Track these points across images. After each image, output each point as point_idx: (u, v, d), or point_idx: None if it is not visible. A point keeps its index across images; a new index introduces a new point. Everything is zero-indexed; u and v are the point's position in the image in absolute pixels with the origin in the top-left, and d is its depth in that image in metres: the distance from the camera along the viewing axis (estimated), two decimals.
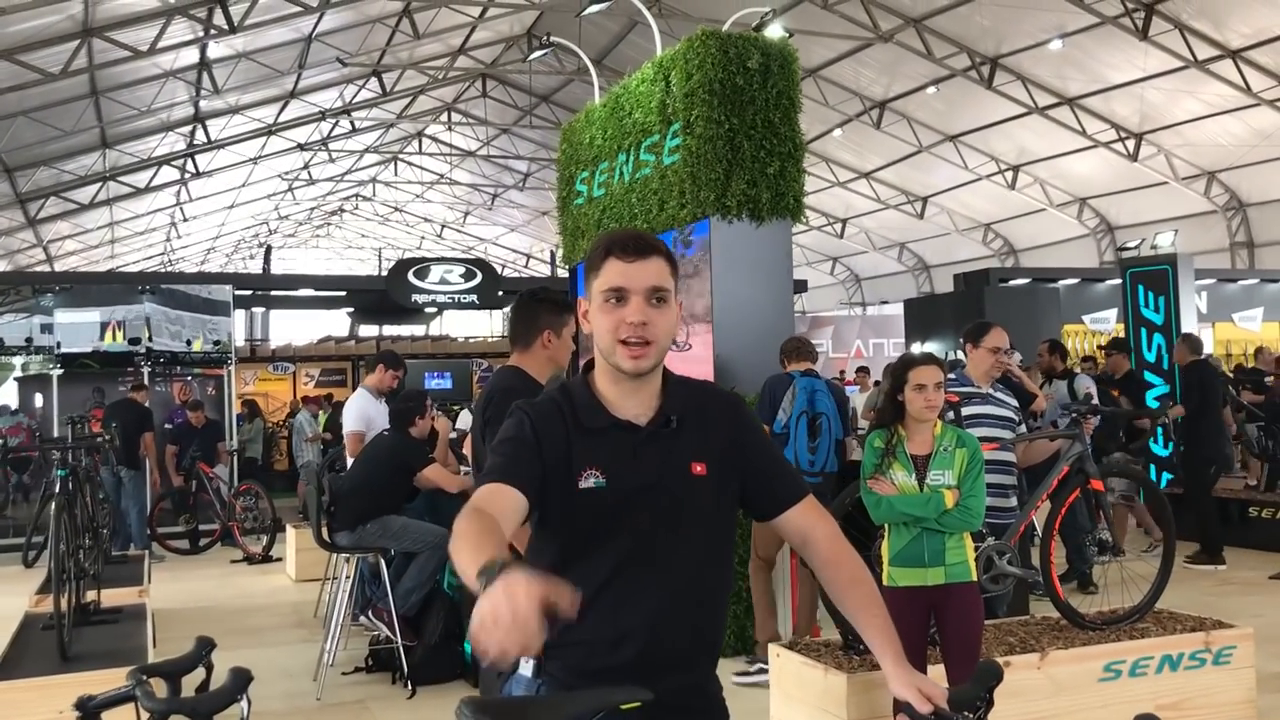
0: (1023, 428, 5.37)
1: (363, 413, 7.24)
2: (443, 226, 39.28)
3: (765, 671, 5.70)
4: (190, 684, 2.52)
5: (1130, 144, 22.14)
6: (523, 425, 2.06)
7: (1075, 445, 5.22)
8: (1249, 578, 8.79)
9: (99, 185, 24.14)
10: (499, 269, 29.45)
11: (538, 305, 3.89)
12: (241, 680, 2.39)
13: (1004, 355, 5.16)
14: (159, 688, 2.48)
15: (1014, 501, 5.14)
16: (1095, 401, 8.06)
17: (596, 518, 2.02)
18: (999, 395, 5.20)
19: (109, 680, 3.61)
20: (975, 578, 4.10)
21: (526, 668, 2.02)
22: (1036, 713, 4.45)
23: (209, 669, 2.60)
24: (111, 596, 6.89)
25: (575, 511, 2.02)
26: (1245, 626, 5.21)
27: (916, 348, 17.30)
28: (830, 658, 4.71)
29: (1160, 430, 9.60)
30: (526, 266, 39.21)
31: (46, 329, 13.98)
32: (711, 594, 2.13)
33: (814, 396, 6.21)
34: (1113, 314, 18.70)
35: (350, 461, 7.11)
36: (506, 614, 1.44)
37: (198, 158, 25.10)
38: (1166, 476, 11.01)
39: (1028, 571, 5.11)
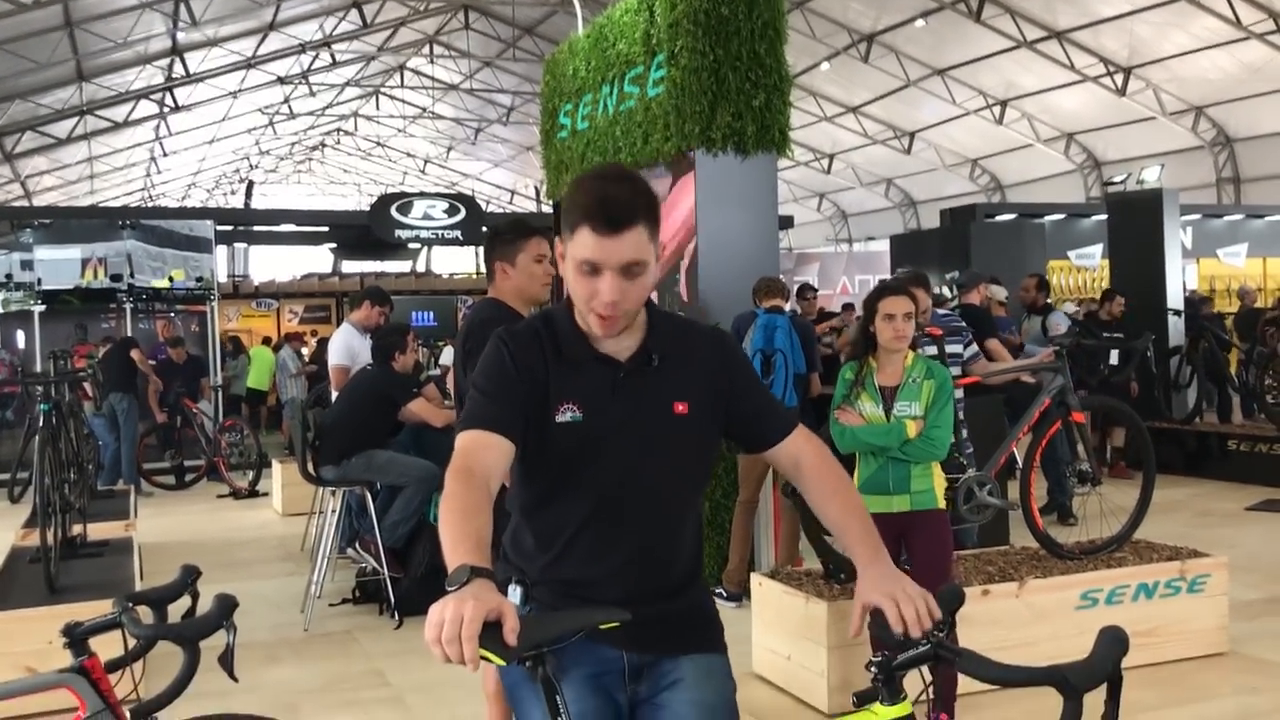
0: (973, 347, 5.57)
1: (348, 347, 7.23)
2: (426, 162, 38.90)
3: (723, 598, 5.88)
4: (176, 612, 2.54)
5: (1118, 78, 22.00)
6: (502, 356, 2.03)
7: (1057, 378, 5.25)
8: (1227, 509, 8.92)
9: (76, 119, 23.79)
10: (483, 205, 29.21)
11: (492, 240, 3.91)
12: (226, 606, 2.40)
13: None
14: (145, 615, 2.50)
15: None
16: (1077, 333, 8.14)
17: (573, 452, 2.01)
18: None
19: (96, 611, 3.63)
20: (942, 505, 4.15)
21: (515, 595, 2.04)
22: (1014, 640, 4.52)
23: (194, 597, 2.61)
24: (98, 530, 6.93)
25: (551, 444, 2.00)
26: (1220, 556, 5.29)
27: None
28: (811, 586, 4.77)
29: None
30: (511, 202, 38.93)
31: (27, 265, 13.86)
32: (690, 526, 2.15)
33: (772, 334, 6.29)
34: (1098, 249, 18.69)
35: (335, 396, 7.12)
36: (451, 629, 1.52)
37: (176, 91, 24.71)
38: None
39: (1007, 502, 5.17)
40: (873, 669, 1.91)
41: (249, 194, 26.45)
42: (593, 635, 1.92)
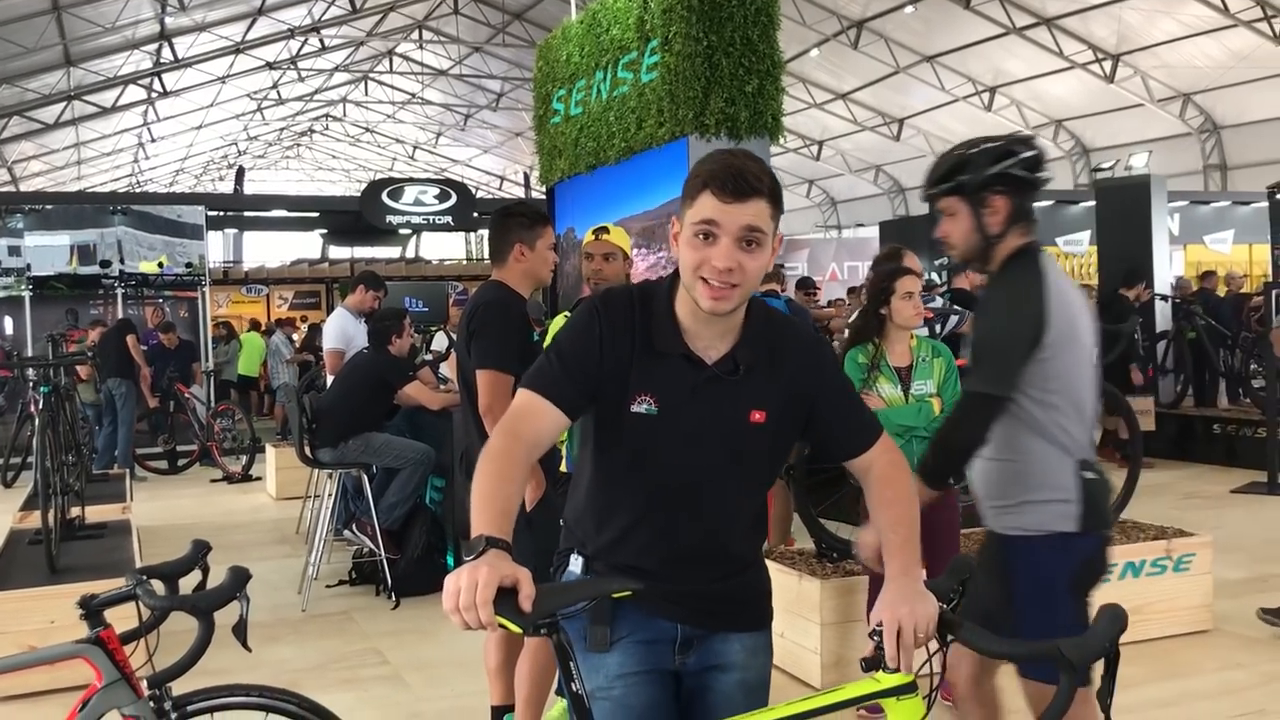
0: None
1: (342, 331, 7.28)
2: (415, 148, 38.78)
3: None
4: (187, 586, 2.59)
5: (1107, 65, 22.07)
6: (592, 330, 1.98)
7: None
8: (1213, 492, 9.04)
9: (63, 104, 23.66)
10: (472, 191, 29.17)
11: (509, 220, 3.91)
12: (240, 578, 2.46)
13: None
14: (158, 589, 2.56)
15: None
16: None
17: (643, 444, 1.99)
18: None
19: (100, 589, 3.70)
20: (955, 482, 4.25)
21: (576, 565, 2.09)
22: None
23: (205, 571, 2.67)
24: (95, 513, 6.97)
25: (623, 431, 2.00)
26: (1205, 536, 5.39)
27: None
28: (804, 565, 4.85)
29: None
30: (500, 189, 38.86)
31: (15, 251, 13.84)
32: (752, 521, 2.16)
33: None
34: (1086, 236, 18.79)
35: (330, 380, 7.16)
36: (467, 597, 1.57)
37: (164, 77, 24.60)
38: None
39: None
40: (876, 638, 1.97)
41: (239, 179, 26.33)
42: (649, 608, 1.99)
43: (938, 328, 5.63)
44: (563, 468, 3.93)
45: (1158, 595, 5.12)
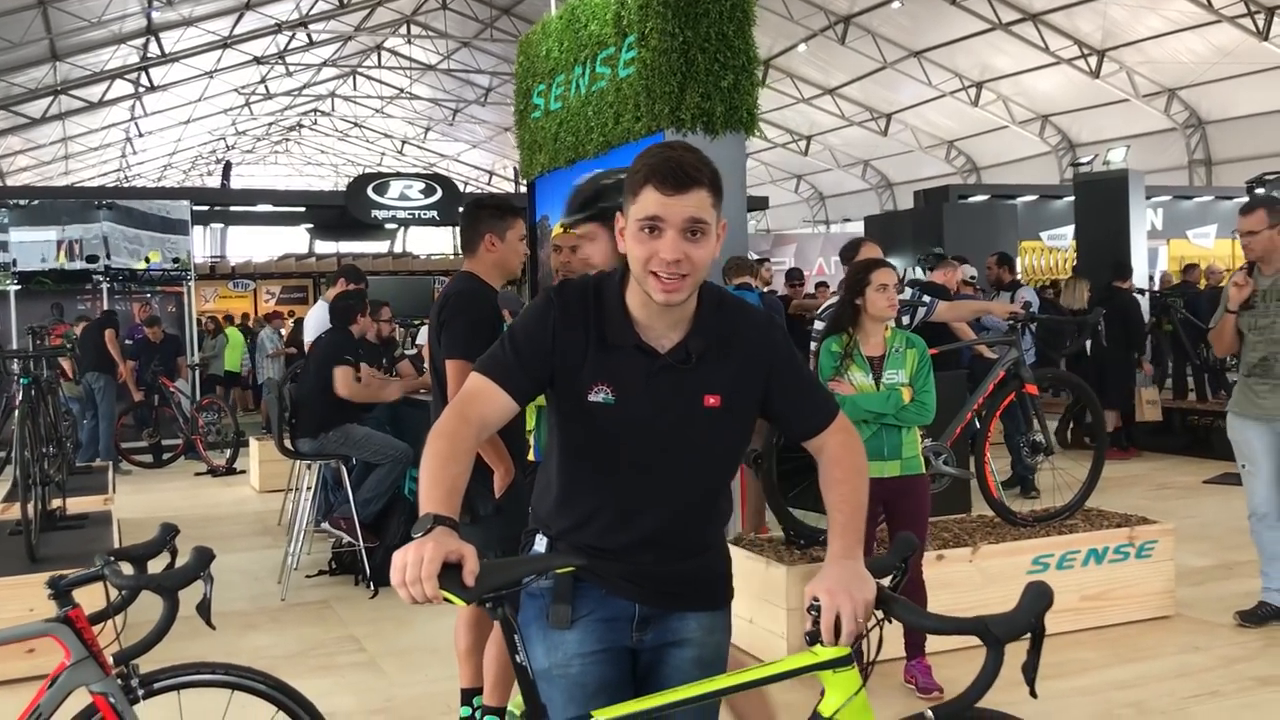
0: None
1: (323, 323, 7.32)
2: (403, 143, 38.79)
3: None
4: (156, 569, 2.66)
5: (1092, 61, 22.21)
6: (546, 322, 2.04)
7: (1011, 351, 5.43)
8: (1185, 482, 9.16)
9: (50, 99, 23.64)
10: (461, 186, 29.18)
11: (479, 211, 3.95)
12: (204, 558, 2.54)
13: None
14: (125, 570, 2.63)
15: None
16: (1034, 311, 8.33)
17: (603, 431, 2.05)
18: None
19: None
20: (924, 470, 4.38)
21: (540, 545, 2.16)
22: (967, 603, 4.68)
23: (173, 553, 2.74)
24: (77, 504, 7.02)
25: (583, 420, 2.06)
26: (1167, 523, 5.49)
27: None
28: (772, 552, 4.93)
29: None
30: (489, 183, 38.89)
31: (2, 246, 13.85)
32: (714, 504, 2.22)
33: None
34: (1070, 230, 18.91)
35: None
36: (413, 571, 1.66)
37: (151, 71, 24.59)
38: None
39: (963, 471, 5.35)
40: (813, 612, 2.05)
41: (226, 174, 26.33)
42: (609, 588, 2.08)
43: (905, 319, 5.71)
44: (530, 456, 3.99)
45: (1121, 581, 5.22)
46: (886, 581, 2.13)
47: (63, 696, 2.53)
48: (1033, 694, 1.86)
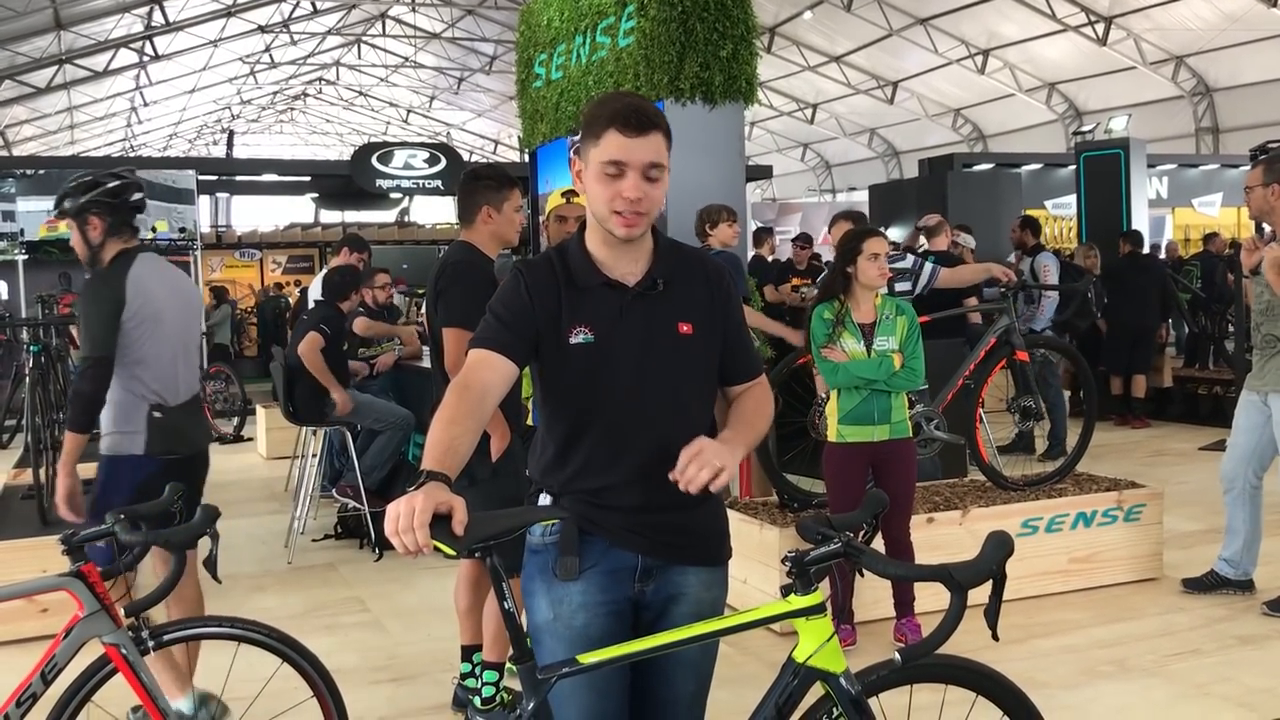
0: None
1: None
2: (408, 111, 38.69)
3: None
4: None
5: (1100, 28, 22.07)
6: (518, 285, 2.18)
7: (1002, 318, 5.51)
8: (1181, 449, 9.26)
9: (55, 68, 23.64)
10: (467, 155, 29.18)
11: (475, 182, 4.01)
12: (210, 516, 2.65)
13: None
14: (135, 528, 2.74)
15: None
16: (1055, 280, 8.43)
17: (586, 371, 2.16)
18: None
19: None
20: (912, 435, 4.50)
21: (544, 501, 2.27)
22: None
23: (180, 513, 2.85)
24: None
25: (566, 364, 2.17)
26: (1156, 487, 5.58)
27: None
28: (766, 514, 5.05)
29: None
30: (495, 152, 38.81)
31: (8, 216, 13.93)
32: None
33: None
34: (1074, 199, 18.88)
35: None
36: (405, 521, 1.77)
37: (156, 40, 24.55)
38: None
39: (954, 436, 5.45)
40: (788, 563, 2.15)
41: (230, 144, 26.34)
42: (612, 539, 2.19)
43: (908, 285, 5.77)
44: (529, 421, 4.09)
45: (1108, 544, 5.33)
46: (858, 536, 2.24)
47: (77, 647, 2.66)
48: (995, 637, 1.98)
